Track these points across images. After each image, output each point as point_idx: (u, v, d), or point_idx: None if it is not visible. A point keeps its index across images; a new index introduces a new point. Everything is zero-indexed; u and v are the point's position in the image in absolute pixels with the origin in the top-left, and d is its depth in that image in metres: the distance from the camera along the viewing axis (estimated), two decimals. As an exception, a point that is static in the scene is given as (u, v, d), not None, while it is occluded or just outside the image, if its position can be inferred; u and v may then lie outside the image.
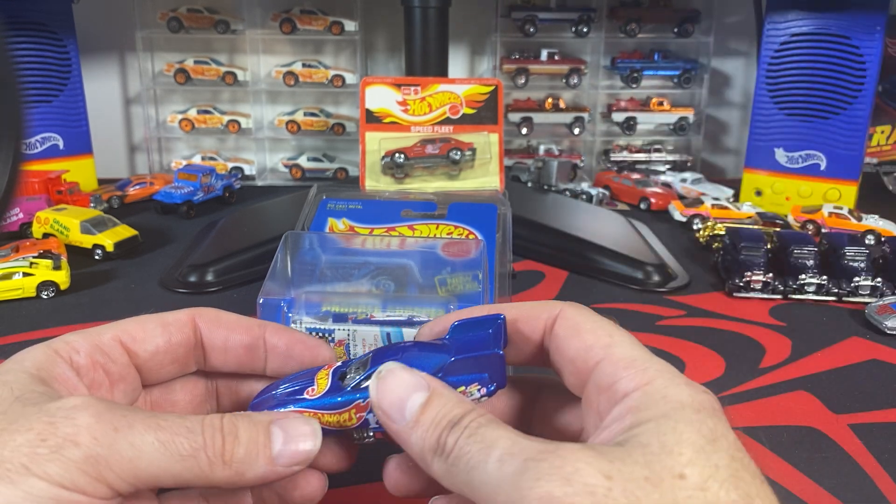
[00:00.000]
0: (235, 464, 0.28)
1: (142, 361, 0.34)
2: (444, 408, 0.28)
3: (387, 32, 1.11)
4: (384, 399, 0.29)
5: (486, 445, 0.26)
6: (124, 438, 0.27)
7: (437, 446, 0.27)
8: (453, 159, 0.78)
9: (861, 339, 0.63)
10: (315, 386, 0.34)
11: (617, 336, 0.30)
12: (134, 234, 0.80)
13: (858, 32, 0.88)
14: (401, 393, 0.29)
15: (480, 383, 0.32)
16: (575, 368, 0.30)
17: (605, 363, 0.29)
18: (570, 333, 0.31)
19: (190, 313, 0.35)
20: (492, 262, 0.58)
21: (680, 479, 0.24)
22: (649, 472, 0.24)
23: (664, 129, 1.12)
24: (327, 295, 0.50)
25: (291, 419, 0.30)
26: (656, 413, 0.26)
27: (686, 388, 0.27)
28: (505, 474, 0.25)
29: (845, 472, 0.45)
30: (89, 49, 1.08)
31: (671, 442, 0.25)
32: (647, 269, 0.73)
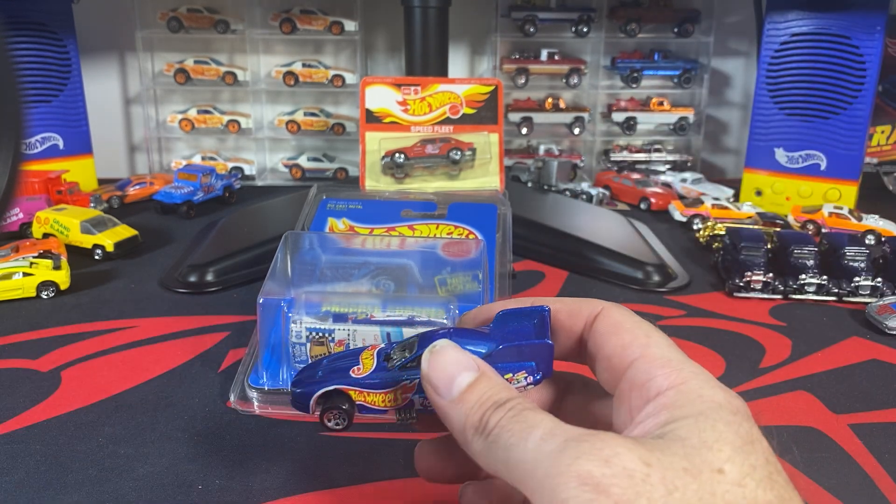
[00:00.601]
0: None
1: None
2: (491, 390, 0.29)
3: (387, 32, 1.11)
4: (434, 372, 0.30)
5: (528, 426, 0.26)
6: None
7: (480, 424, 0.28)
8: (453, 159, 0.78)
9: (861, 339, 0.63)
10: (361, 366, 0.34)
11: (654, 336, 0.31)
12: (134, 234, 0.80)
13: (858, 32, 0.88)
14: (451, 369, 0.30)
15: (528, 371, 0.32)
16: (610, 364, 0.31)
17: (640, 361, 0.29)
18: (609, 330, 0.31)
19: None
20: (492, 262, 0.58)
21: (719, 473, 0.24)
22: (688, 464, 0.24)
23: (664, 129, 1.12)
24: (327, 295, 0.50)
25: None
26: (693, 411, 0.26)
27: (721, 391, 0.28)
28: (544, 452, 0.25)
29: (845, 472, 0.45)
30: (89, 49, 1.08)
31: (711, 438, 0.25)
32: (647, 269, 0.73)
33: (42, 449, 0.46)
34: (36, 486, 0.43)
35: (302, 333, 0.48)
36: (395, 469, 0.45)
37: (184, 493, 0.42)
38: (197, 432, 0.48)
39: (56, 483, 0.43)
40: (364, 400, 0.34)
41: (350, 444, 0.47)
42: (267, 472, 0.44)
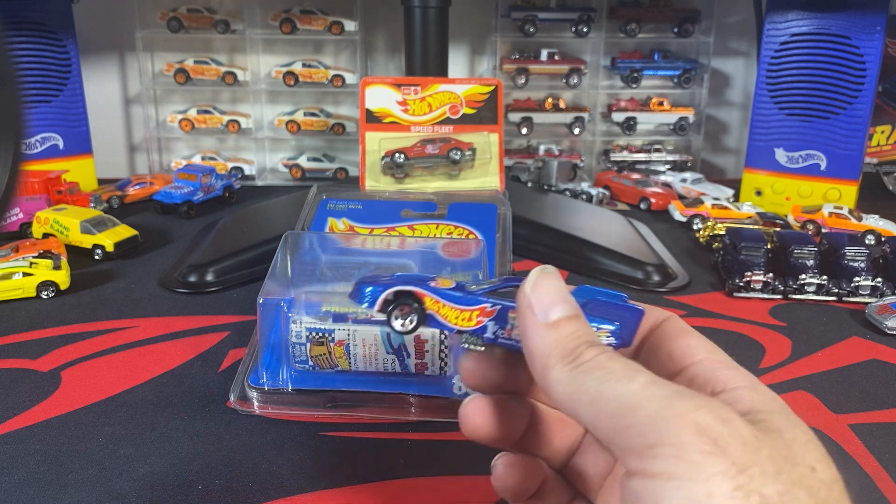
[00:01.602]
0: None
1: None
2: (585, 330, 0.29)
3: (387, 32, 1.11)
4: (538, 290, 0.30)
5: (630, 368, 0.26)
6: None
7: (573, 354, 0.27)
8: (453, 159, 0.78)
9: (861, 339, 0.63)
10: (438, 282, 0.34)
11: (719, 349, 0.31)
12: (134, 234, 0.80)
13: (858, 32, 0.88)
14: (554, 296, 0.29)
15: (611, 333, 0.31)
16: (670, 359, 0.31)
17: (707, 361, 0.30)
18: (677, 333, 0.31)
19: None
20: (492, 262, 0.58)
21: (813, 471, 0.25)
22: (788, 453, 0.24)
23: (664, 129, 1.12)
24: (327, 295, 0.50)
25: None
26: (776, 408, 0.27)
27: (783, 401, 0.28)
28: (654, 394, 0.25)
29: (845, 472, 0.45)
30: (89, 49, 1.08)
31: (802, 438, 0.26)
32: (647, 269, 0.73)
33: (42, 449, 0.46)
34: (36, 486, 0.43)
35: (302, 333, 0.48)
36: (396, 469, 0.45)
37: (184, 493, 0.42)
38: (197, 432, 0.48)
39: (56, 483, 0.43)
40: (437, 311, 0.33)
41: (350, 444, 0.47)
42: (267, 472, 0.44)
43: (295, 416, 0.50)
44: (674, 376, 0.30)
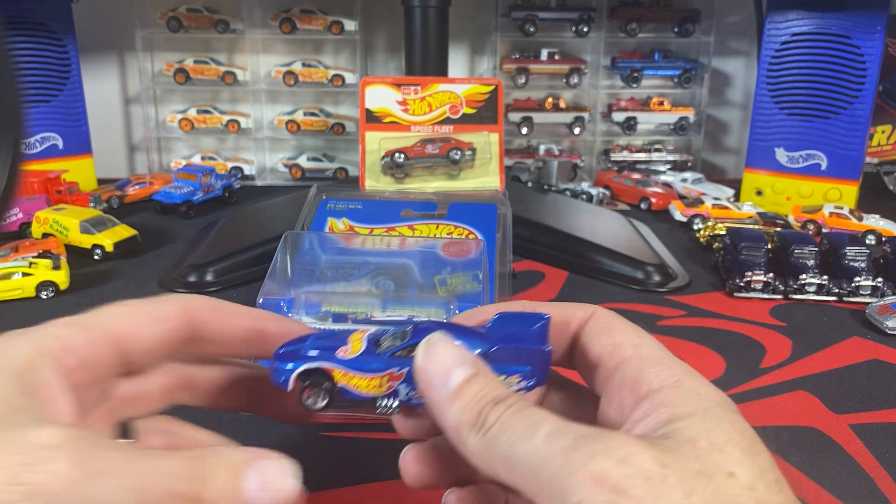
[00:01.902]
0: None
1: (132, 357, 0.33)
2: (489, 385, 0.28)
3: (387, 32, 1.11)
4: (429, 365, 0.29)
5: (532, 422, 0.25)
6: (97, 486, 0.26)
7: (478, 420, 0.27)
8: (453, 159, 0.78)
9: (861, 339, 0.63)
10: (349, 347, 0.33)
11: (645, 338, 0.30)
12: (133, 234, 0.80)
13: (859, 32, 0.88)
14: (448, 363, 0.28)
15: (522, 376, 0.31)
16: (600, 363, 0.30)
17: (633, 360, 0.29)
18: (601, 330, 0.31)
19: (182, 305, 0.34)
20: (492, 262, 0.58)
21: (730, 477, 0.24)
22: (701, 466, 0.24)
23: (664, 129, 1.12)
24: (327, 295, 0.50)
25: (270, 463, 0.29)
26: (695, 409, 0.26)
27: (716, 390, 0.27)
28: (553, 450, 0.24)
29: (845, 472, 0.45)
30: (89, 49, 1.08)
31: (720, 441, 0.25)
32: (648, 269, 0.73)
33: (42, 449, 0.46)
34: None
35: (302, 333, 0.48)
36: (395, 469, 0.45)
37: (183, 493, 0.42)
38: (197, 432, 0.48)
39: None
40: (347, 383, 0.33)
41: (350, 444, 0.47)
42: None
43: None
44: (607, 380, 0.30)
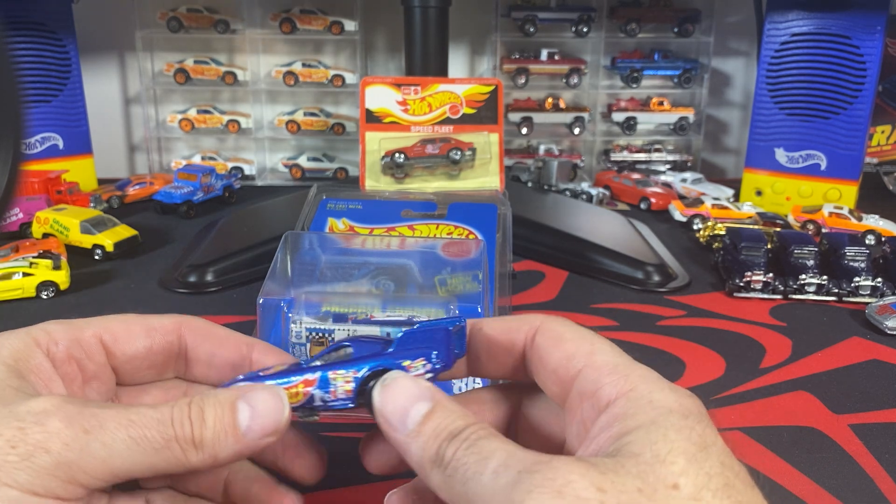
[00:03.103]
0: (207, 447, 0.28)
1: (120, 363, 0.34)
2: (447, 419, 0.28)
3: (387, 32, 1.11)
4: (387, 406, 0.29)
5: (482, 457, 0.26)
6: (96, 440, 0.27)
7: (437, 457, 0.27)
8: (453, 159, 0.78)
9: (861, 339, 0.63)
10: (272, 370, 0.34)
11: (598, 343, 0.30)
12: (134, 234, 0.80)
13: (859, 32, 0.88)
14: (404, 402, 0.29)
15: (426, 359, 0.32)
16: (557, 378, 0.30)
17: (587, 370, 0.29)
18: (551, 344, 0.31)
19: (177, 322, 0.35)
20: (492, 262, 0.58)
21: (674, 489, 0.24)
22: (642, 482, 0.24)
23: (664, 129, 1.12)
24: (327, 295, 0.50)
25: (258, 392, 0.30)
26: (644, 420, 0.26)
27: (671, 393, 0.27)
28: (499, 486, 0.24)
29: (845, 472, 0.45)
30: (89, 49, 1.08)
31: (663, 451, 0.24)
32: (648, 269, 0.73)
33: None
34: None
35: (302, 334, 0.48)
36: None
37: (184, 493, 0.42)
38: (197, 432, 0.48)
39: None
40: None
41: (350, 444, 0.47)
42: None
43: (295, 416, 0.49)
44: (567, 395, 0.29)
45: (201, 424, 0.29)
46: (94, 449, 0.27)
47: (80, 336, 0.33)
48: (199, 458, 0.28)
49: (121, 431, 0.27)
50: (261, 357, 0.36)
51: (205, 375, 0.36)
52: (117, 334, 0.33)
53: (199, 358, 0.35)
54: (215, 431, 0.29)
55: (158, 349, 0.34)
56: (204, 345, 0.35)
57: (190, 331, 0.35)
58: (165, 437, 0.28)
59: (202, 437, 0.29)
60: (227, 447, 0.29)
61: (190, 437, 0.28)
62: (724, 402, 0.53)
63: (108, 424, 0.27)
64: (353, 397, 0.34)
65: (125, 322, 0.34)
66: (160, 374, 0.35)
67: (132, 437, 0.27)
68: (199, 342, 0.35)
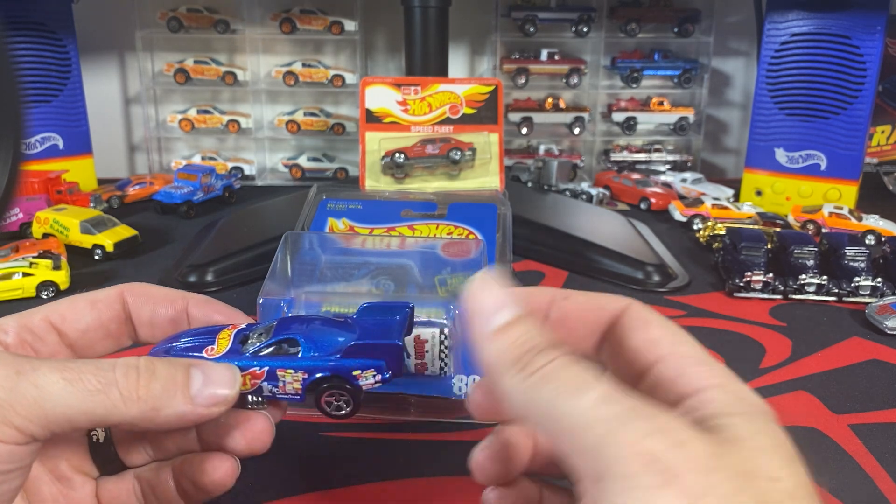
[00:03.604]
0: (151, 399, 0.29)
1: (73, 340, 0.34)
2: (532, 331, 0.27)
3: (387, 32, 1.11)
4: (479, 295, 0.28)
5: (581, 381, 0.24)
6: (27, 380, 0.27)
7: (520, 361, 0.26)
8: (453, 159, 0.78)
9: (861, 339, 0.63)
10: (216, 346, 0.34)
11: (682, 335, 0.29)
12: (134, 234, 0.80)
13: (859, 32, 0.88)
14: (497, 300, 0.27)
15: (377, 370, 0.33)
16: (636, 358, 0.29)
17: (671, 357, 0.28)
18: (638, 325, 0.30)
19: (119, 289, 0.36)
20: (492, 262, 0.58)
21: (775, 482, 0.23)
22: (751, 465, 0.23)
23: (664, 129, 1.12)
24: (327, 295, 0.50)
25: (211, 364, 0.31)
26: (741, 410, 0.25)
27: (758, 397, 0.27)
28: (602, 415, 0.23)
29: (845, 472, 0.45)
30: (89, 49, 1.08)
31: (766, 444, 0.24)
32: (647, 269, 0.73)
33: (42, 449, 0.46)
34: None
35: (302, 333, 0.48)
36: (395, 469, 0.45)
37: (184, 493, 0.42)
38: (197, 432, 0.48)
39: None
40: None
41: (350, 444, 0.47)
42: (267, 472, 0.44)
43: (295, 416, 0.50)
44: (641, 376, 0.29)
45: (151, 376, 0.29)
46: (25, 388, 0.27)
47: (28, 322, 0.33)
48: (139, 409, 0.28)
49: (55, 374, 0.28)
50: (195, 310, 0.37)
51: (150, 335, 0.37)
52: (64, 313, 0.34)
53: (142, 319, 0.36)
54: (165, 386, 0.29)
55: (107, 319, 0.35)
56: (145, 306, 0.36)
57: (131, 294, 0.36)
58: (103, 380, 0.28)
59: (148, 388, 0.29)
60: (174, 405, 0.29)
61: (134, 385, 0.28)
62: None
63: (42, 368, 0.28)
64: (301, 395, 0.34)
65: (71, 301, 0.35)
66: (117, 343, 0.36)
67: (66, 379, 0.28)
68: (139, 304, 0.36)
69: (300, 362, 0.34)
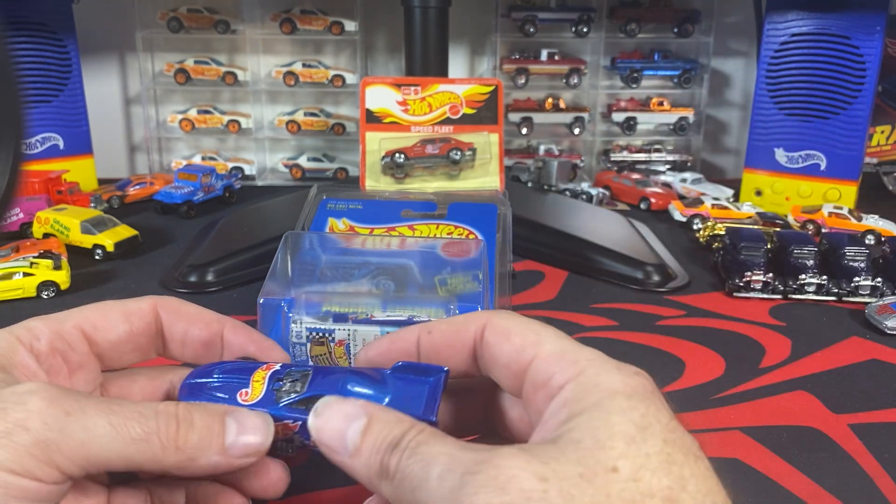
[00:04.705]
0: (189, 449, 0.29)
1: (103, 350, 0.34)
2: (384, 430, 0.28)
3: (387, 32, 1.11)
4: (324, 433, 0.29)
5: (426, 463, 0.26)
6: (76, 422, 0.27)
7: (382, 470, 0.27)
8: (453, 159, 0.78)
9: (861, 339, 0.63)
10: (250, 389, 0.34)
11: (544, 333, 0.30)
12: (134, 234, 0.80)
13: (858, 32, 0.88)
14: (339, 424, 0.29)
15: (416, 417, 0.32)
16: (510, 372, 0.30)
17: (536, 361, 0.29)
18: (499, 339, 0.31)
19: (152, 302, 0.36)
20: (492, 262, 0.58)
21: (613, 472, 0.24)
22: (583, 468, 0.24)
23: (664, 129, 1.12)
24: (327, 295, 0.50)
25: (246, 412, 0.31)
26: (589, 404, 0.26)
27: (617, 374, 0.27)
28: (445, 490, 0.25)
29: (845, 472, 0.45)
30: (89, 49, 1.08)
31: (603, 436, 0.25)
32: (647, 269, 0.73)
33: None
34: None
35: (302, 333, 0.48)
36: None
37: (184, 492, 0.42)
38: (197, 432, 0.48)
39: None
40: None
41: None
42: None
43: None
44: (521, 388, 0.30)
45: (188, 427, 0.29)
46: (72, 430, 0.27)
47: (61, 329, 0.33)
48: (176, 459, 0.29)
49: (101, 417, 0.28)
50: (232, 336, 0.37)
51: (180, 353, 0.37)
52: (97, 323, 0.34)
53: (174, 337, 0.36)
54: (201, 437, 0.29)
55: (138, 332, 0.35)
56: (178, 323, 0.36)
57: (165, 310, 0.36)
58: (146, 429, 0.28)
59: (186, 439, 0.29)
60: (208, 456, 0.29)
61: (174, 436, 0.29)
62: (724, 402, 0.53)
63: (90, 409, 0.28)
64: None
65: (103, 310, 0.35)
66: (144, 356, 0.36)
67: (112, 424, 0.28)
68: (173, 321, 0.36)
69: None
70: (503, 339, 0.31)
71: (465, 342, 0.32)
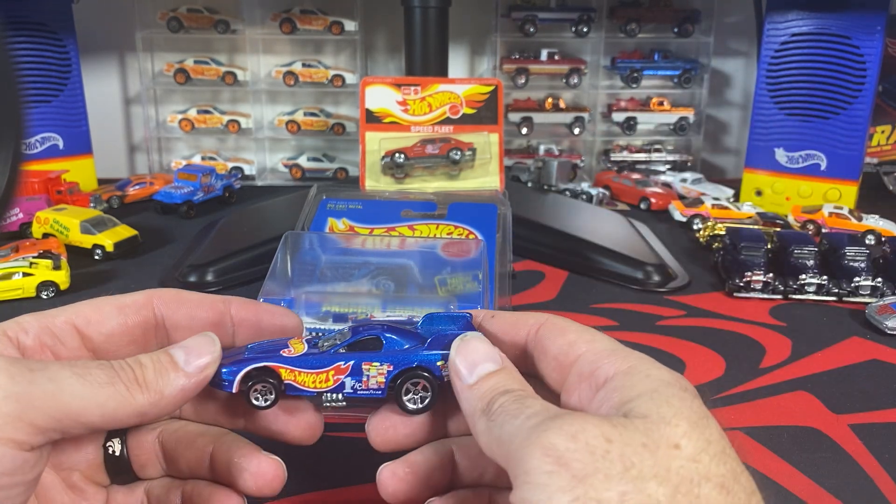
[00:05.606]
0: (151, 384, 0.30)
1: (96, 344, 0.34)
2: (507, 379, 0.30)
3: (387, 32, 1.11)
4: (461, 356, 0.32)
5: (524, 407, 0.28)
6: (42, 374, 0.28)
7: (487, 406, 0.29)
8: (453, 159, 0.78)
9: (861, 339, 0.63)
10: (291, 349, 0.35)
11: (598, 335, 0.32)
12: (134, 234, 0.80)
13: (859, 32, 0.88)
14: (476, 357, 0.31)
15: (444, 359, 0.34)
16: (557, 364, 0.32)
17: (587, 354, 0.31)
18: (554, 333, 0.33)
19: (148, 295, 0.36)
20: (492, 262, 0.58)
21: (675, 448, 0.25)
22: (647, 439, 0.25)
23: (664, 129, 1.12)
24: (327, 295, 0.50)
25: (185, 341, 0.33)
26: (646, 388, 0.28)
27: (667, 371, 0.29)
28: (527, 428, 0.26)
29: (845, 472, 0.45)
30: (89, 49, 1.08)
31: (668, 414, 0.26)
32: (647, 269, 0.73)
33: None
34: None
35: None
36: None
37: (184, 493, 0.42)
38: (197, 432, 0.48)
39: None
40: (294, 379, 0.34)
41: (350, 444, 0.47)
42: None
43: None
44: (566, 378, 0.32)
45: (141, 367, 0.30)
46: (40, 381, 0.27)
47: (50, 323, 0.33)
48: (146, 397, 0.30)
49: (65, 369, 0.28)
50: (241, 311, 0.37)
51: None
52: (89, 317, 0.34)
53: (179, 324, 0.36)
54: (156, 370, 0.30)
55: (133, 324, 0.35)
56: (180, 310, 0.36)
57: (162, 301, 0.36)
58: (108, 373, 0.29)
59: (143, 376, 0.30)
60: (171, 382, 0.31)
61: (132, 377, 0.30)
62: (724, 402, 0.53)
63: (51, 366, 0.28)
64: (383, 390, 0.35)
65: (96, 304, 0.35)
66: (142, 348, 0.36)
67: (76, 374, 0.28)
68: (174, 309, 0.36)
69: (385, 355, 0.34)
70: (558, 333, 0.33)
71: (521, 334, 0.34)
